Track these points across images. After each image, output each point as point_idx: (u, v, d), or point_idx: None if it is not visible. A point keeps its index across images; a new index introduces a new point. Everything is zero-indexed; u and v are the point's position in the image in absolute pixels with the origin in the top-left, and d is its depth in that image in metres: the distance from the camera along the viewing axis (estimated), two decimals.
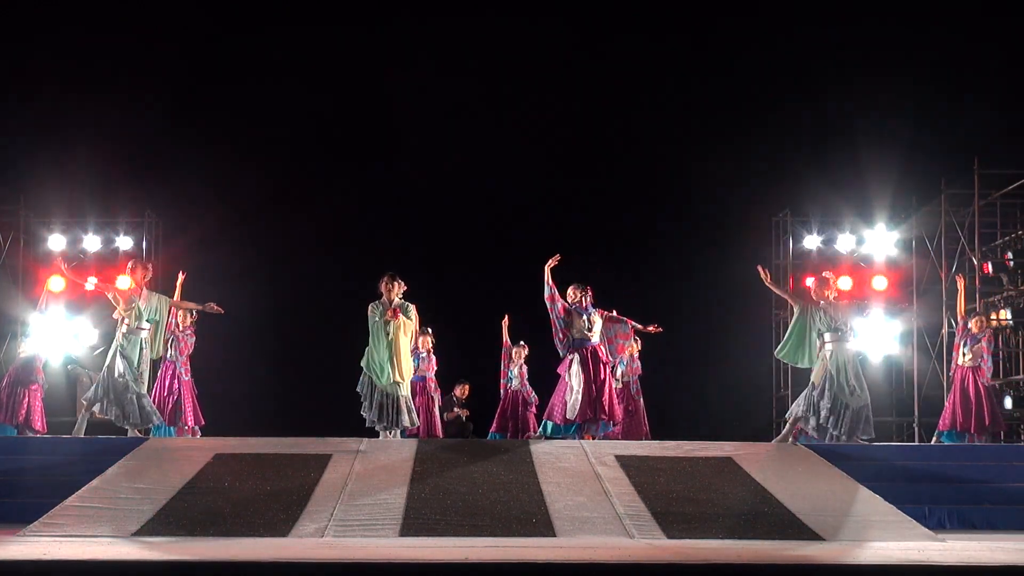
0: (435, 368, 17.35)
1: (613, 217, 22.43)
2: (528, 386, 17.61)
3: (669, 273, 21.53)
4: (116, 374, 14.79)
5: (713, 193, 21.69)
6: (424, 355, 16.98)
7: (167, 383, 16.42)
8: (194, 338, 16.72)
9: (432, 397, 17.11)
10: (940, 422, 17.68)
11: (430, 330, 17.03)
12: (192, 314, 16.46)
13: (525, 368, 17.64)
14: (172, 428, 16.20)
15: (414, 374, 15.67)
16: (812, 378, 14.75)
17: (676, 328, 17.25)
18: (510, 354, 17.57)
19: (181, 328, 16.41)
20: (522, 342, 17.72)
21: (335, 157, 22.37)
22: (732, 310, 19.46)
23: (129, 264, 15.80)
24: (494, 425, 17.45)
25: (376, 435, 14.63)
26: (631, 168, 22.11)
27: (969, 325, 17.52)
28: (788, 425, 14.91)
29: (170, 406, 16.29)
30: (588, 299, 15.04)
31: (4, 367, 20.64)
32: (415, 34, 22.20)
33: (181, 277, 16.53)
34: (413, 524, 10.48)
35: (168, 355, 16.31)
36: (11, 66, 20.69)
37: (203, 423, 16.69)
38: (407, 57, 22.18)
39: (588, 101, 22.91)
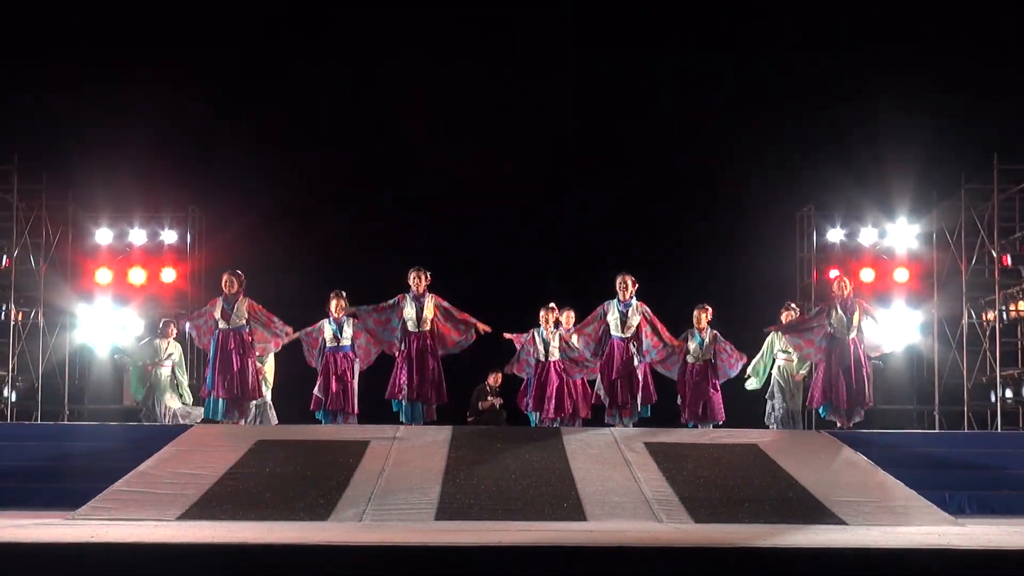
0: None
1: (638, 213, 22.49)
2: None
3: (695, 268, 21.53)
4: None
5: (738, 189, 21.72)
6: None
7: None
8: None
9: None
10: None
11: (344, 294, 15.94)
12: None
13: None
14: None
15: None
16: None
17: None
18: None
19: None
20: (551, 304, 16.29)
21: (378, 149, 22.44)
22: (757, 303, 19.52)
23: None
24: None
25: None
26: (657, 165, 22.14)
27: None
28: None
29: None
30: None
31: (54, 357, 21.06)
32: (450, 36, 22.34)
33: None
34: (448, 508, 10.71)
35: None
36: (59, 63, 20.91)
37: None
38: (445, 58, 22.32)
39: (612, 97, 23.00)
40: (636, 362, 15.41)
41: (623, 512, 10.79)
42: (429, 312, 15.28)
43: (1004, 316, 20.91)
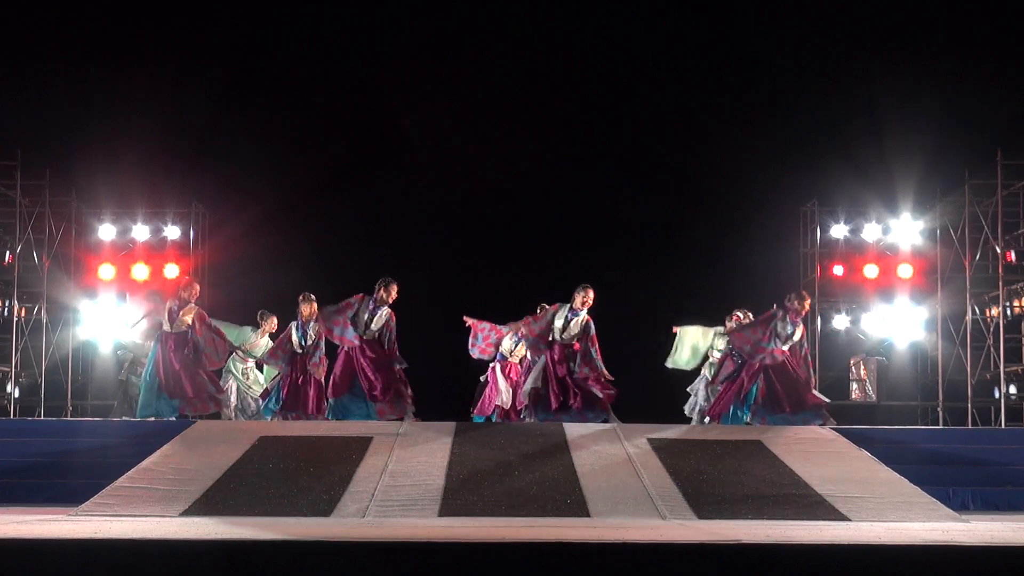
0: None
1: (640, 209, 22.54)
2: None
3: (698, 264, 21.62)
4: None
5: (742, 184, 21.78)
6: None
7: None
8: None
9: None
10: None
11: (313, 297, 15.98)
12: None
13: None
14: None
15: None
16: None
17: (705, 317, 17.33)
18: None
19: None
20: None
21: (380, 147, 22.47)
22: (761, 299, 19.53)
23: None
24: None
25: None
26: (659, 161, 22.16)
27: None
28: None
29: None
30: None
31: (57, 353, 21.09)
32: (450, 31, 22.35)
33: None
34: (451, 505, 10.70)
35: None
36: (62, 59, 20.95)
37: None
38: (445, 54, 22.34)
39: (613, 94, 22.99)
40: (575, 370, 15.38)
41: (626, 508, 10.78)
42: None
43: (1008, 312, 20.97)
